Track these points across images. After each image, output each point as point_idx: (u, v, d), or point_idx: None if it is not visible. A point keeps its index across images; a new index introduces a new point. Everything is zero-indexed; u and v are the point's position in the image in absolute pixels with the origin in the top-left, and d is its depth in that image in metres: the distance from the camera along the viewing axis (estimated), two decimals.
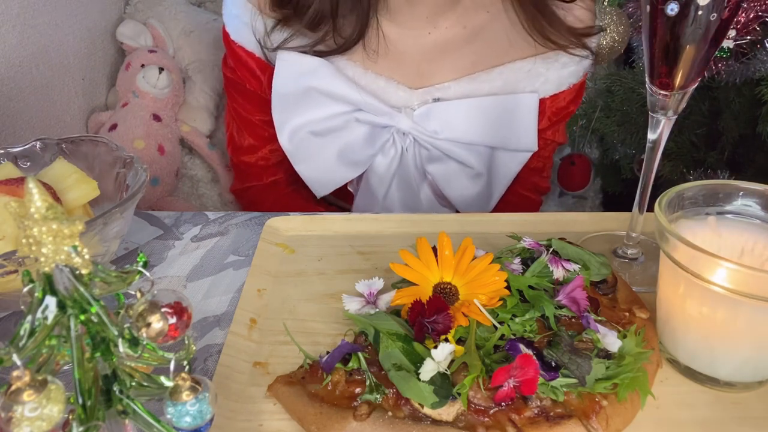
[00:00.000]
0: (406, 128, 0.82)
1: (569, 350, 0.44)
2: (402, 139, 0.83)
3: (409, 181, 0.86)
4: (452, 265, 0.51)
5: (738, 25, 0.97)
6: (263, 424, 0.45)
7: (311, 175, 0.86)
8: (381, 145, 0.83)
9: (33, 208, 0.26)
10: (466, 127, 0.82)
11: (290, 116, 0.82)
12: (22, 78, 0.93)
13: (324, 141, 0.83)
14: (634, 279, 0.59)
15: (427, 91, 0.82)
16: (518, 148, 0.85)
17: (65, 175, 0.54)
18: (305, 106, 0.81)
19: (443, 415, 0.42)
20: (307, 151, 0.84)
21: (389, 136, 0.83)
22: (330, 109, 0.81)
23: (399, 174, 0.85)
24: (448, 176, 0.85)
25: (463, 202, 0.88)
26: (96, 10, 1.14)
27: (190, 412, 0.30)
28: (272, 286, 0.59)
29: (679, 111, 0.55)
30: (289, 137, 0.83)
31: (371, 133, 0.83)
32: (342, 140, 0.83)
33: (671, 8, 0.48)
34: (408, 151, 0.83)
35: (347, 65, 0.81)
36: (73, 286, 0.28)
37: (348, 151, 0.83)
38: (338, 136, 0.83)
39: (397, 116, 0.81)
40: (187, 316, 0.30)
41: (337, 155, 0.83)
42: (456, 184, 0.86)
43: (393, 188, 0.86)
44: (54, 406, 0.26)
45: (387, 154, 0.84)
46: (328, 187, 0.87)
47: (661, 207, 0.48)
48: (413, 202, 0.88)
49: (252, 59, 0.83)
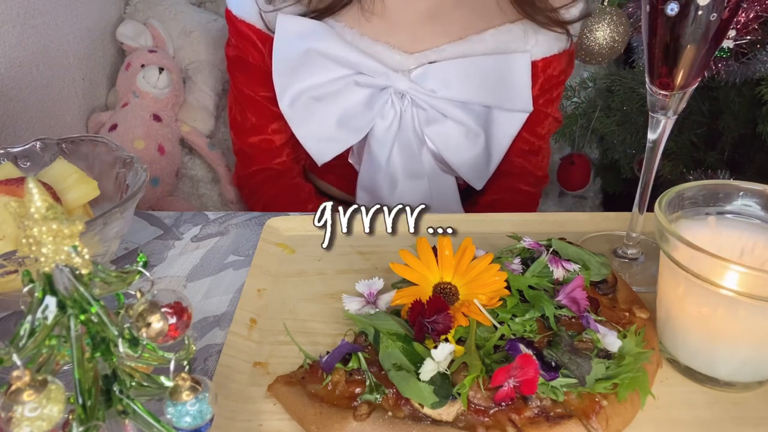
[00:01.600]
0: (404, 88, 0.83)
1: (569, 350, 0.44)
2: (400, 102, 0.84)
3: (409, 145, 0.87)
4: (452, 265, 0.51)
5: (738, 25, 0.97)
6: (263, 424, 0.45)
7: (312, 141, 0.87)
8: (380, 109, 0.84)
9: (33, 208, 0.26)
10: (462, 87, 0.84)
11: (291, 81, 0.83)
12: (22, 78, 0.93)
13: (324, 106, 0.84)
14: (634, 279, 0.59)
15: (423, 55, 0.84)
16: (514, 108, 0.87)
17: (65, 175, 0.54)
18: (305, 71, 0.83)
19: (443, 415, 0.42)
20: (307, 116, 0.85)
21: (387, 98, 0.84)
22: (330, 73, 0.82)
23: (399, 138, 0.86)
24: (446, 138, 0.87)
25: (463, 165, 0.89)
26: (96, 10, 1.14)
27: (190, 412, 0.30)
28: (272, 286, 0.59)
29: (679, 111, 0.55)
30: (290, 103, 0.84)
31: (370, 96, 0.84)
32: (341, 105, 0.84)
33: (671, 8, 0.48)
34: (406, 113, 0.85)
35: (344, 31, 0.83)
36: (73, 286, 0.28)
37: (347, 116, 0.85)
38: (338, 100, 0.84)
39: (394, 76, 0.83)
40: (187, 316, 0.30)
41: (337, 121, 0.85)
42: (454, 146, 0.87)
43: (394, 153, 0.87)
44: (54, 406, 0.26)
45: (386, 117, 0.85)
46: (328, 154, 0.87)
47: (661, 207, 0.48)
48: (415, 167, 0.89)
49: (253, 32, 0.85)
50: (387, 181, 0.89)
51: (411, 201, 0.89)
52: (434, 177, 0.90)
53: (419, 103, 0.84)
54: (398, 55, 0.83)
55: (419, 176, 0.89)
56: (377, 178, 0.89)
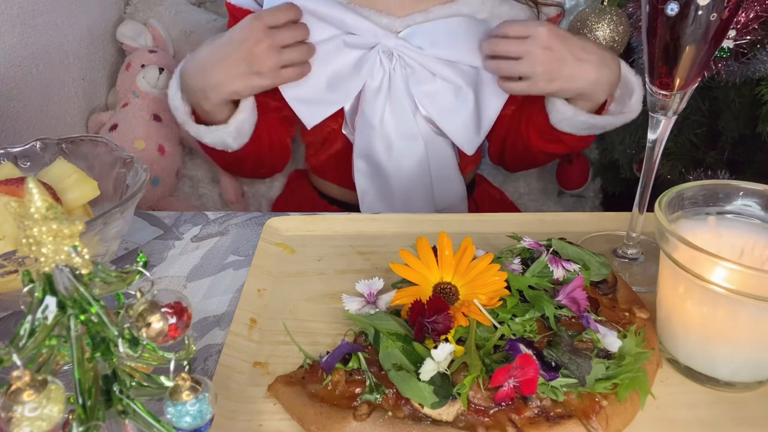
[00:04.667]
0: (391, 45, 0.84)
1: (569, 350, 0.44)
2: (389, 61, 0.85)
3: (401, 105, 0.87)
4: (452, 265, 0.51)
5: (738, 25, 0.97)
6: (263, 424, 0.45)
7: (301, 104, 0.87)
8: (369, 69, 0.85)
9: (33, 208, 0.26)
10: (450, 45, 0.84)
11: None
12: (22, 78, 0.93)
13: (314, 67, 0.84)
14: (634, 279, 0.59)
15: (411, 18, 0.85)
16: None
17: (65, 175, 0.54)
18: None
19: (443, 415, 0.42)
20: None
21: (375, 57, 0.85)
22: (319, 34, 0.83)
23: (390, 98, 0.87)
24: (436, 98, 0.87)
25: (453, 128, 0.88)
26: (96, 10, 1.14)
27: (190, 412, 0.30)
28: (272, 286, 0.59)
29: (679, 111, 0.55)
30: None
31: (359, 58, 0.85)
32: (331, 67, 0.85)
33: (671, 8, 0.48)
34: (395, 72, 0.85)
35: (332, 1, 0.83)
36: (73, 286, 0.28)
37: (337, 79, 0.86)
38: (328, 62, 0.85)
39: (382, 33, 0.84)
40: (187, 316, 0.30)
41: (327, 83, 0.85)
42: (445, 105, 0.87)
43: (387, 114, 0.88)
44: (54, 406, 0.26)
45: (375, 77, 0.86)
46: (316, 117, 0.88)
47: (661, 207, 0.48)
48: (409, 128, 0.89)
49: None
50: (383, 144, 0.89)
51: (408, 165, 0.90)
52: (430, 139, 0.90)
53: (407, 61, 0.85)
54: (386, 18, 0.85)
55: (414, 137, 0.89)
56: (372, 141, 0.88)
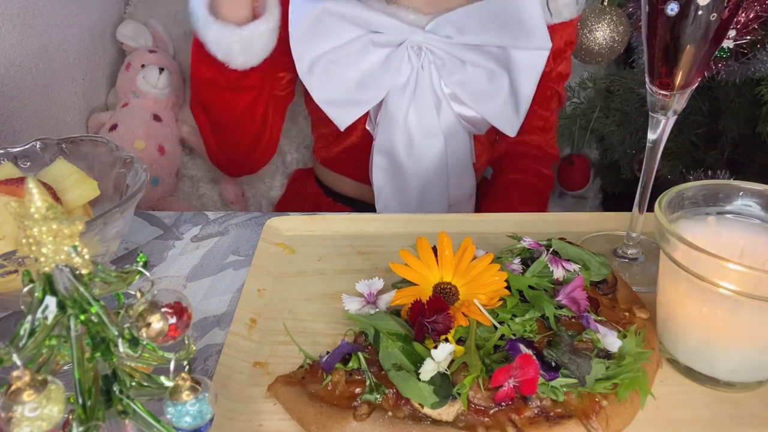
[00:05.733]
0: (419, 40, 0.84)
1: (569, 350, 0.44)
2: (417, 57, 0.85)
3: (426, 103, 0.87)
4: (452, 265, 0.51)
5: (738, 25, 0.97)
6: (263, 424, 0.45)
7: (332, 107, 0.87)
8: (397, 66, 0.85)
9: (33, 208, 0.26)
10: (476, 30, 0.84)
11: (309, 46, 0.84)
12: (22, 78, 0.93)
13: (342, 69, 0.84)
14: (634, 279, 0.59)
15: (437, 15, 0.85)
16: (531, 46, 0.86)
17: (65, 175, 0.54)
18: (321, 34, 0.83)
19: (443, 415, 0.42)
20: (326, 80, 0.85)
21: (404, 53, 0.84)
22: (345, 35, 0.83)
23: (416, 95, 0.86)
24: (471, 86, 0.86)
25: (492, 112, 0.88)
26: (96, 10, 1.14)
27: (190, 412, 0.30)
28: (272, 286, 0.59)
29: (679, 111, 0.55)
30: (308, 68, 0.84)
31: (387, 56, 0.85)
32: (360, 67, 0.85)
33: (671, 8, 0.48)
34: (424, 69, 0.85)
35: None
36: (73, 286, 0.28)
37: (366, 78, 0.85)
38: (355, 63, 0.84)
39: (408, 29, 0.83)
40: (187, 316, 0.30)
41: (356, 83, 0.85)
42: (479, 92, 0.87)
43: (411, 111, 0.87)
44: (54, 406, 0.26)
45: (403, 73, 0.85)
46: (348, 118, 0.87)
47: (661, 207, 0.48)
48: (432, 125, 0.88)
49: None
50: (404, 141, 0.88)
51: (427, 162, 0.90)
52: (450, 136, 0.90)
53: (437, 53, 0.84)
54: (413, 15, 0.84)
55: (435, 135, 0.89)
56: (394, 138, 0.88)
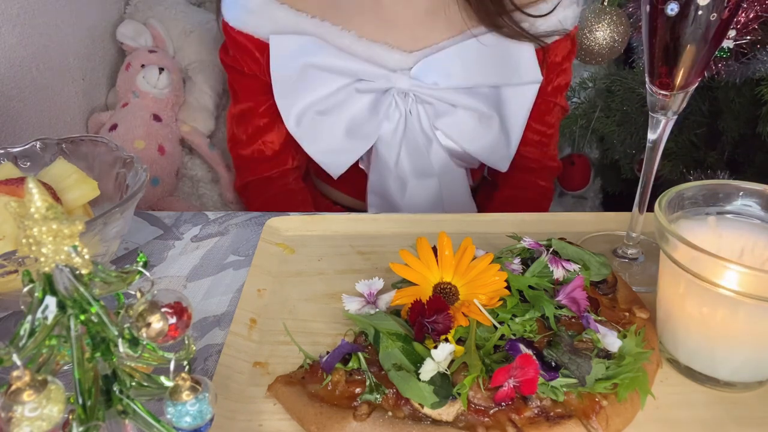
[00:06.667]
0: (405, 87, 0.83)
1: (569, 350, 0.44)
2: (404, 102, 0.84)
3: (417, 145, 0.87)
4: (452, 265, 0.51)
5: (738, 25, 0.97)
6: (263, 424, 0.45)
7: (324, 156, 0.86)
8: (385, 111, 0.84)
9: (33, 208, 0.26)
10: (464, 73, 0.83)
11: (294, 100, 0.83)
12: (22, 78, 0.93)
13: (330, 119, 0.84)
14: (634, 279, 0.59)
15: (423, 53, 0.84)
16: (522, 81, 0.85)
17: (65, 175, 0.54)
18: (306, 87, 0.82)
19: (443, 415, 0.42)
20: (315, 132, 0.85)
21: (390, 99, 0.84)
22: (330, 85, 0.82)
23: (406, 138, 0.86)
24: (460, 127, 0.86)
25: (482, 151, 0.88)
26: (96, 10, 1.14)
27: (190, 412, 0.30)
28: (272, 286, 0.59)
29: (679, 111, 0.55)
30: (296, 121, 0.84)
31: (373, 102, 0.84)
32: (347, 115, 0.84)
33: (671, 8, 0.48)
34: (412, 113, 0.84)
35: (342, 34, 0.82)
36: (73, 286, 0.28)
37: (355, 125, 0.85)
38: (343, 111, 0.84)
39: (394, 77, 0.82)
40: (187, 316, 0.30)
41: (345, 131, 0.85)
42: (469, 134, 0.86)
43: (402, 154, 0.87)
44: (54, 406, 0.26)
45: (392, 119, 0.84)
46: (342, 166, 0.87)
47: (661, 207, 0.48)
48: (425, 166, 0.88)
49: (250, 42, 0.84)
50: (397, 184, 0.88)
51: (422, 201, 0.89)
52: (444, 174, 0.90)
53: (424, 99, 0.84)
54: (398, 54, 0.83)
55: (429, 175, 0.89)
56: (387, 181, 0.88)
